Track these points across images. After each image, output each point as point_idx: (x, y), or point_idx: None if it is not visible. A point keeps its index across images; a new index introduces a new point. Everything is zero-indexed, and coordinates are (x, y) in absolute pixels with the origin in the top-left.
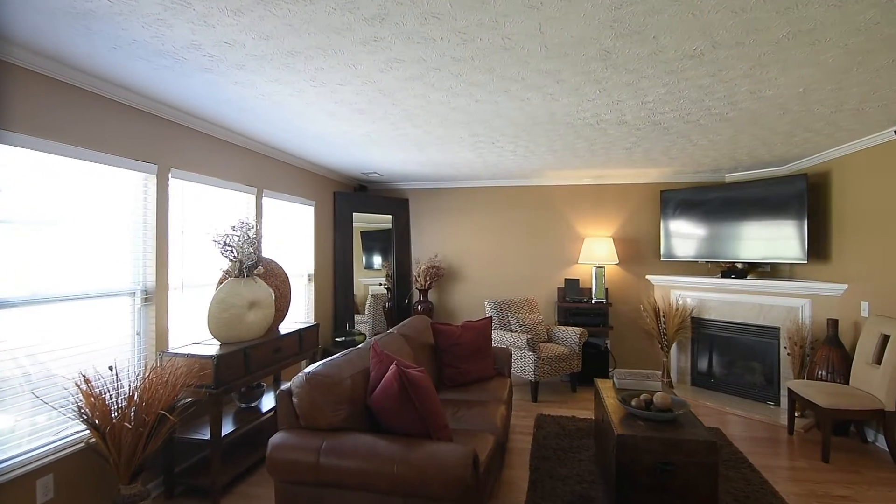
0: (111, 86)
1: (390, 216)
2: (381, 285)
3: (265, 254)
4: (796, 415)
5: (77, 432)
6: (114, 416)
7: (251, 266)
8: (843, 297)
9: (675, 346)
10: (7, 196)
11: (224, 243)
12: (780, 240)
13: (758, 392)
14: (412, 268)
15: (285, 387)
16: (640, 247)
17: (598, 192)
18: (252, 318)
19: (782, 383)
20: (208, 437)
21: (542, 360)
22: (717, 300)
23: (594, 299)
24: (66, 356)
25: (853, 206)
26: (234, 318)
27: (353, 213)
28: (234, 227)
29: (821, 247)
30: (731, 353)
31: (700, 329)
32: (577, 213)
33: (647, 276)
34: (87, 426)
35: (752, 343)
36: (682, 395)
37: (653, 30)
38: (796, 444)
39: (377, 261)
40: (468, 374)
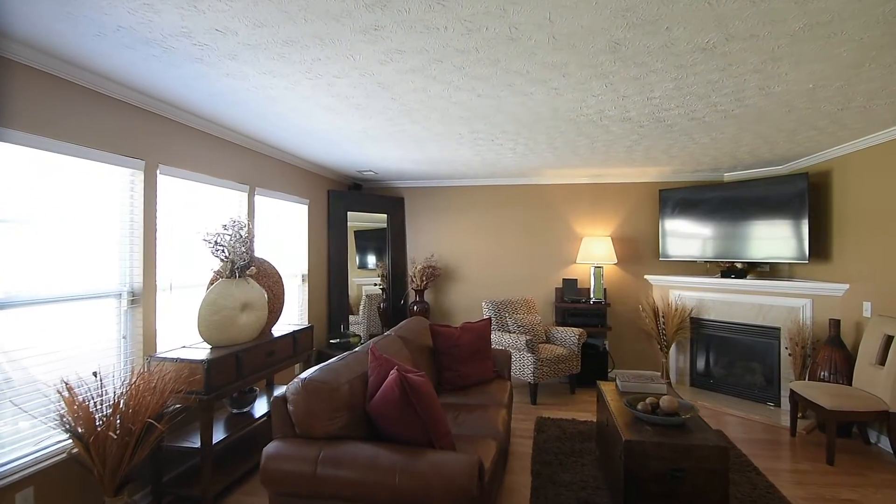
0: (95, 77)
1: (385, 215)
2: (375, 286)
3: (258, 253)
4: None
5: (59, 442)
6: (98, 425)
7: (243, 266)
8: (845, 297)
9: (674, 346)
10: None
11: (215, 242)
12: (780, 239)
13: (757, 393)
14: (408, 268)
15: (280, 393)
16: (639, 246)
17: (597, 191)
18: (244, 321)
19: (783, 384)
20: (198, 444)
21: (541, 362)
22: (717, 300)
23: (592, 299)
24: (48, 362)
25: (854, 206)
26: (226, 321)
27: (348, 212)
28: (225, 226)
29: (821, 246)
30: (731, 353)
31: (699, 329)
32: (575, 213)
33: (646, 276)
34: (69, 436)
35: (752, 343)
36: (681, 396)
37: (666, 20)
38: (799, 445)
39: (371, 260)
40: (468, 376)
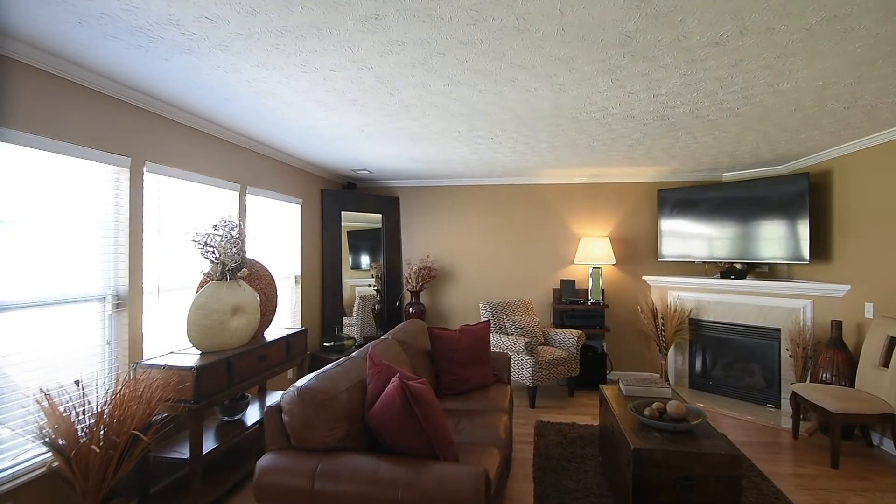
0: (78, 68)
1: (380, 215)
2: (370, 287)
3: (249, 255)
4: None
5: (39, 455)
6: (80, 437)
7: (234, 268)
8: (846, 298)
9: (673, 347)
10: None
11: (205, 243)
12: (781, 239)
13: (757, 395)
14: (403, 269)
15: (274, 402)
16: (637, 247)
17: (594, 191)
18: (236, 325)
19: (783, 385)
20: (188, 455)
21: (540, 365)
22: (716, 301)
23: (591, 301)
24: (26, 370)
25: (855, 206)
26: (216, 325)
27: (342, 212)
28: (215, 226)
29: (822, 247)
30: (730, 354)
31: (698, 330)
32: (573, 213)
33: (644, 277)
34: (49, 449)
35: (752, 345)
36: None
37: (681, 11)
38: (802, 449)
39: (364, 261)
40: (467, 381)
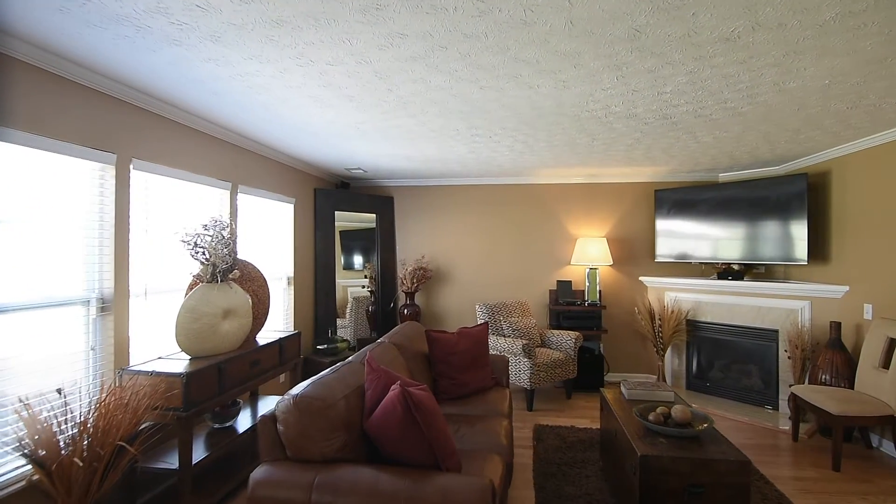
0: (59, 59)
1: (374, 215)
2: (363, 288)
3: (241, 255)
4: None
5: (18, 468)
6: (62, 449)
7: (225, 269)
8: (844, 299)
9: (670, 349)
10: None
11: (194, 244)
12: (779, 240)
13: (755, 396)
14: (398, 269)
15: (268, 411)
16: (634, 247)
17: (591, 192)
18: (227, 329)
19: (781, 387)
20: (176, 465)
21: (538, 367)
22: (714, 302)
23: (587, 301)
24: (5, 378)
25: (854, 207)
26: (207, 329)
27: (335, 212)
28: (205, 226)
29: (820, 248)
30: (728, 356)
31: (695, 332)
32: (570, 213)
33: (641, 278)
34: (28, 461)
35: (750, 346)
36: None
37: (694, 5)
38: (802, 451)
39: (357, 261)
40: (466, 385)
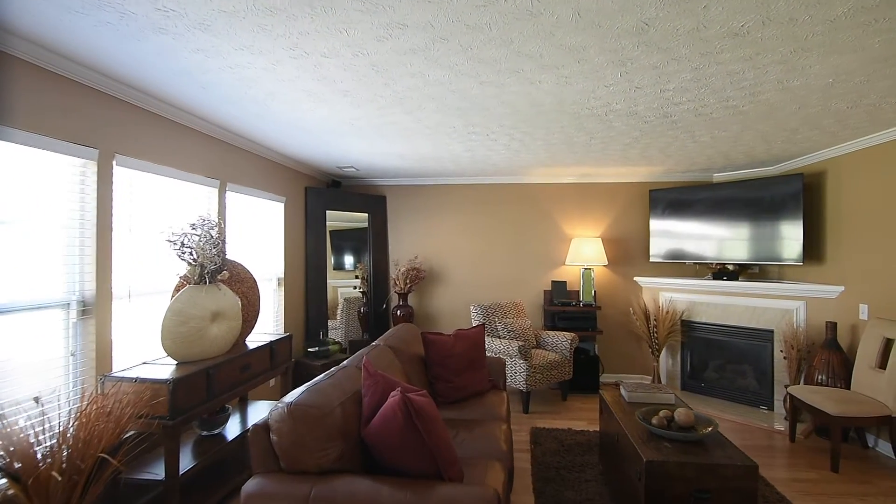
0: (36, 48)
1: (366, 214)
2: (354, 288)
3: (230, 256)
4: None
5: None
6: (40, 462)
7: (214, 270)
8: (840, 299)
9: (665, 349)
10: None
11: (181, 244)
12: (774, 240)
13: (750, 396)
14: (390, 270)
15: (261, 420)
16: (628, 247)
17: (586, 191)
18: (216, 332)
19: (776, 387)
20: (163, 476)
21: (534, 369)
22: (708, 302)
23: (582, 302)
24: None
25: (849, 207)
26: (194, 333)
27: (327, 211)
28: (193, 225)
29: (815, 248)
30: (723, 356)
31: (690, 332)
32: (564, 213)
33: (636, 278)
34: (3, 475)
35: (745, 346)
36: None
37: None
38: (799, 452)
39: (348, 261)
40: (463, 388)
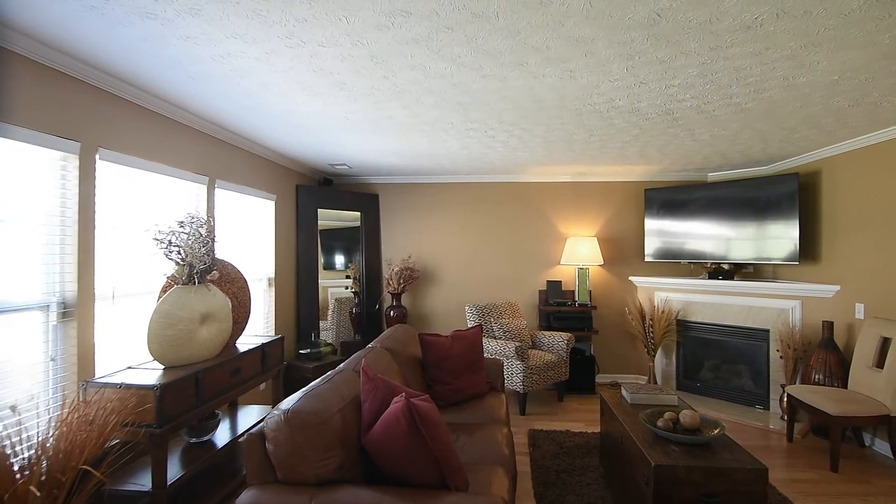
0: (14, 33)
1: (359, 213)
2: (346, 289)
3: (219, 255)
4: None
5: None
6: (16, 475)
7: (203, 270)
8: (836, 298)
9: (660, 349)
10: None
11: (169, 242)
12: (770, 240)
13: (746, 396)
14: (383, 270)
15: (256, 429)
16: (624, 247)
17: (581, 190)
18: (205, 335)
19: (772, 387)
20: (149, 486)
21: (531, 370)
22: (704, 302)
23: (578, 302)
24: None
25: (844, 206)
26: (183, 336)
27: (318, 210)
28: (181, 223)
29: (811, 247)
30: (718, 356)
31: (685, 332)
32: (560, 212)
33: (631, 278)
34: None
35: (740, 346)
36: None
37: None
38: (798, 452)
39: (338, 261)
40: (462, 391)
